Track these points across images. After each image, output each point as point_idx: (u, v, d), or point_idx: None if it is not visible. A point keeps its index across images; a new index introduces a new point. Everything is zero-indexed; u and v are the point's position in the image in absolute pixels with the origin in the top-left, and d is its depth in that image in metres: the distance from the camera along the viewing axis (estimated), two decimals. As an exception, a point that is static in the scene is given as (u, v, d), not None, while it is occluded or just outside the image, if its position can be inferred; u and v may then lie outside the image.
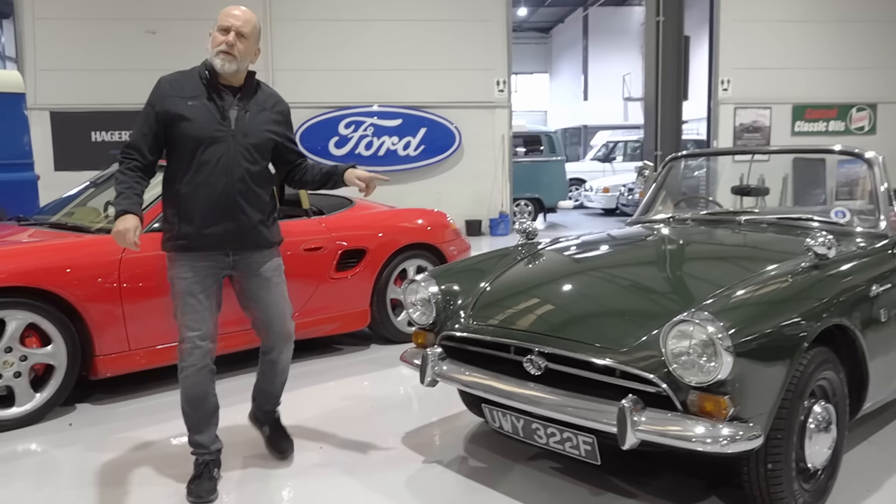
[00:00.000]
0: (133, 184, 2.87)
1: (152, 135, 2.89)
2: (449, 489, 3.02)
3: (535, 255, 3.54)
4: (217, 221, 2.89)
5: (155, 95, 2.92)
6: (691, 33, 22.29)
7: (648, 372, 2.46)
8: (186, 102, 2.86)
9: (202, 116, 2.86)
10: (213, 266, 2.95)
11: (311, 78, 11.53)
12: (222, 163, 2.87)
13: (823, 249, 2.79)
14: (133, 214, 2.81)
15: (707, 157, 5.80)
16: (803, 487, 2.64)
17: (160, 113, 2.87)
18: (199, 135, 2.85)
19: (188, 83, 2.91)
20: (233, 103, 2.92)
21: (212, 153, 2.87)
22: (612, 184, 15.54)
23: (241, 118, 2.92)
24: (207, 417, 3.00)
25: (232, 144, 2.89)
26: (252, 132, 2.94)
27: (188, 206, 2.90)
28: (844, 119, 12.78)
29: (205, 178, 2.87)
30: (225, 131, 2.88)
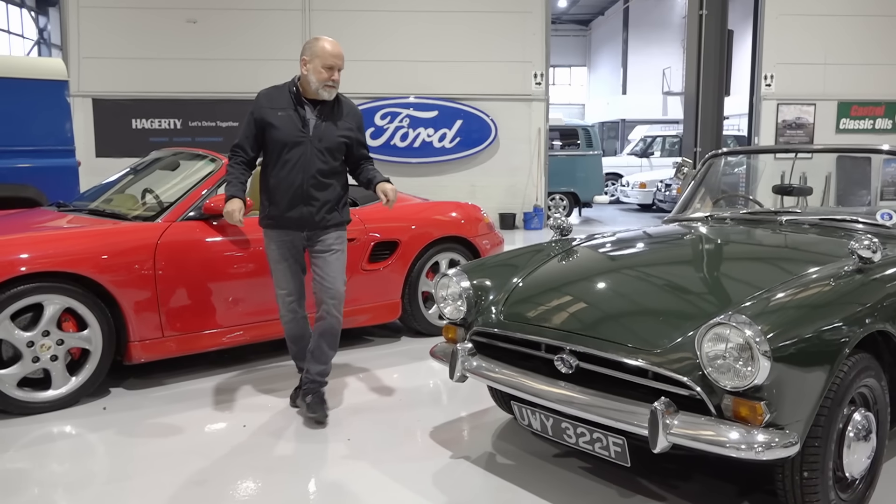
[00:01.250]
0: (238, 174, 3.65)
1: (252, 137, 3.64)
2: (475, 485, 3.00)
3: (569, 251, 3.50)
4: (297, 206, 3.60)
5: (254, 107, 3.65)
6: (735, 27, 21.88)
7: (682, 374, 2.41)
8: (277, 113, 3.58)
9: (287, 125, 3.56)
10: (293, 240, 3.68)
11: (348, 68, 11.41)
12: (301, 162, 3.56)
13: (868, 253, 2.70)
14: (238, 198, 3.57)
15: (747, 154, 5.66)
16: (840, 497, 2.57)
17: (257, 120, 3.61)
18: (284, 139, 3.56)
19: (280, 97, 3.64)
20: (313, 113, 3.60)
21: (293, 154, 3.57)
22: (648, 179, 15.35)
23: (318, 126, 3.60)
24: (304, 349, 3.81)
25: (309, 147, 3.57)
26: (326, 138, 3.60)
27: (275, 194, 3.62)
28: (892, 117, 12.41)
29: (287, 173, 3.58)
30: (304, 137, 3.57)
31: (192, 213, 4.20)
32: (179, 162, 4.85)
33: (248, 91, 12.53)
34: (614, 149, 24.23)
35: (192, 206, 4.22)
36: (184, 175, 4.61)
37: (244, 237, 4.31)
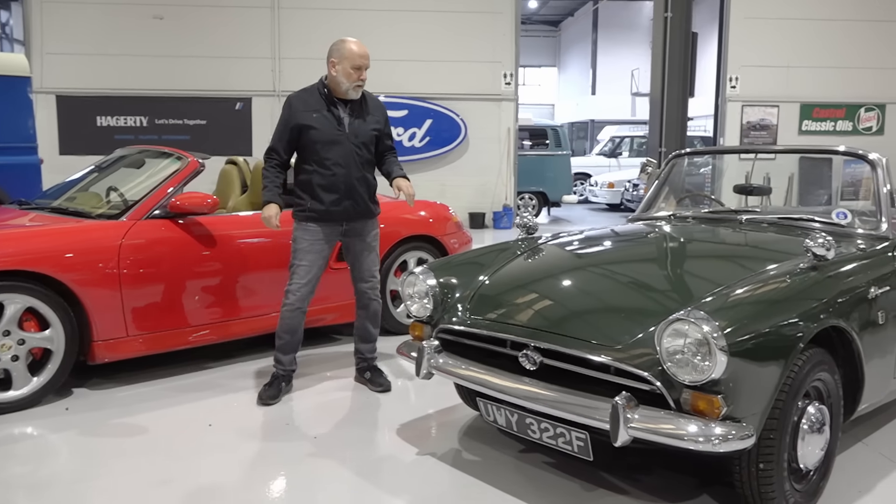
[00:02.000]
0: (274, 177, 3.86)
1: (286, 141, 3.84)
2: (441, 481, 3.03)
3: (535, 249, 3.54)
4: (341, 201, 3.83)
5: (287, 112, 3.84)
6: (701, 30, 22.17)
7: (643, 370, 2.46)
8: (312, 115, 3.79)
9: (324, 125, 3.79)
10: (330, 233, 3.89)
11: (318, 67, 11.45)
12: (342, 158, 3.80)
13: (822, 251, 2.77)
14: (275, 204, 3.79)
15: (710, 155, 5.76)
16: (795, 488, 2.64)
17: (293, 126, 3.80)
18: (323, 139, 3.78)
19: (311, 98, 3.84)
20: (346, 111, 3.84)
21: (334, 151, 3.79)
22: (617, 179, 15.52)
23: (353, 123, 3.85)
24: (293, 344, 3.95)
25: (348, 144, 3.81)
26: (361, 133, 3.86)
27: (318, 190, 3.82)
28: (852, 119, 12.70)
29: (330, 169, 3.79)
30: (342, 135, 3.81)
31: (157, 211, 4.17)
32: (145, 160, 4.80)
33: (217, 89, 12.44)
34: (584, 149, 24.41)
35: (158, 204, 4.18)
36: (149, 173, 4.57)
37: (211, 235, 4.28)
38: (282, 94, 11.48)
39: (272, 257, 4.55)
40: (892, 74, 12.66)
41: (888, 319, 2.98)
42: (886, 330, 2.98)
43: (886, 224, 3.35)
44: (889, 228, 3.33)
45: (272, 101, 11.57)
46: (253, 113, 11.66)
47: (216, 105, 11.59)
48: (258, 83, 11.62)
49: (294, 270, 3.89)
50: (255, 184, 5.11)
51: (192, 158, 4.38)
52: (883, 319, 2.95)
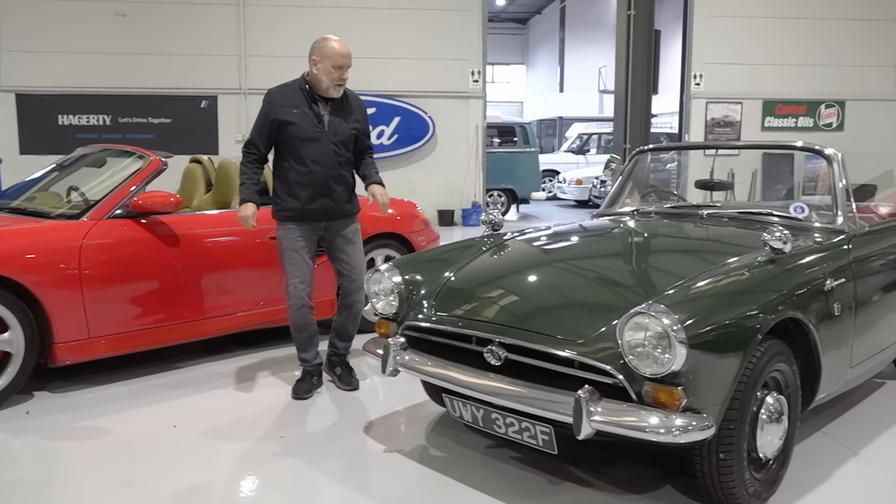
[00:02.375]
0: (252, 174, 3.84)
1: (266, 136, 3.81)
2: (408, 478, 3.03)
3: (500, 246, 3.56)
4: (317, 199, 3.81)
5: (267, 106, 3.81)
6: (666, 28, 22.42)
7: (605, 363, 2.49)
8: (292, 111, 3.77)
9: (304, 121, 3.77)
10: (309, 230, 3.88)
11: (284, 64, 11.33)
12: (320, 156, 3.78)
13: (779, 244, 2.83)
14: (252, 203, 3.77)
15: (673, 151, 5.84)
16: (754, 476, 2.69)
17: (273, 120, 3.77)
18: (302, 135, 3.76)
19: (292, 94, 3.82)
20: (326, 109, 3.82)
21: (312, 148, 3.77)
22: (584, 176, 15.63)
23: (332, 121, 3.83)
24: (309, 339, 3.98)
25: (326, 142, 3.79)
26: (340, 131, 3.84)
27: (295, 187, 3.80)
28: (813, 115, 12.94)
29: (307, 168, 3.78)
30: (321, 132, 3.78)
31: (119, 210, 4.11)
32: (106, 159, 4.74)
33: (181, 87, 12.30)
34: (552, 146, 24.57)
35: (119, 203, 4.12)
36: (111, 172, 4.50)
37: (175, 234, 4.24)
38: (248, 93, 11.38)
39: (238, 256, 4.52)
40: (851, 72, 12.92)
41: (844, 311, 3.06)
42: (842, 321, 3.05)
43: (842, 218, 3.42)
44: (845, 222, 3.41)
45: (238, 99, 11.47)
46: (219, 111, 11.54)
47: (181, 103, 11.45)
48: (224, 81, 11.50)
49: (285, 270, 3.91)
50: (220, 182, 5.07)
51: (154, 157, 4.33)
52: (839, 311, 3.02)
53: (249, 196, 3.79)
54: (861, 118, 12.96)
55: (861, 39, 12.89)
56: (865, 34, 12.89)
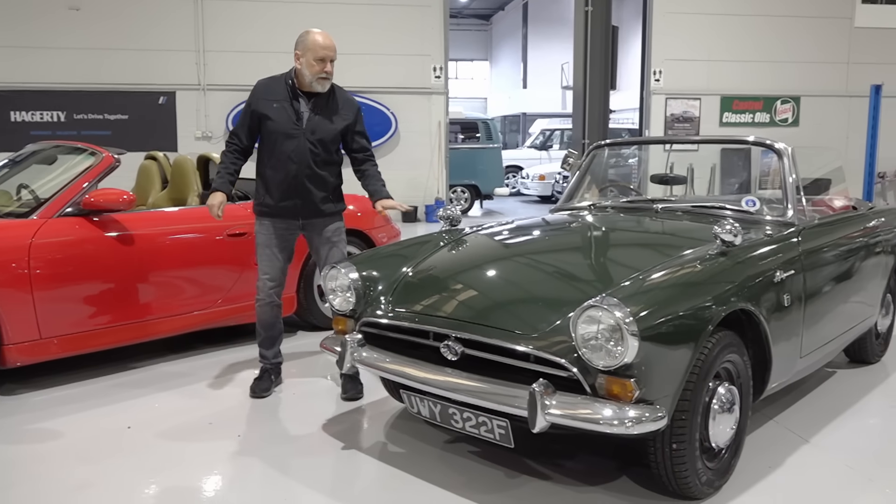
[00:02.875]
0: (230, 164, 3.80)
1: (248, 126, 3.77)
2: (366, 475, 3.03)
3: (458, 241, 3.56)
4: (289, 197, 3.74)
5: (252, 96, 3.77)
6: (626, 24, 22.63)
7: (560, 356, 2.51)
8: (272, 105, 3.70)
9: (282, 117, 3.69)
10: (287, 228, 3.82)
11: (244, 60, 11.27)
12: (295, 153, 3.69)
13: (730, 237, 2.87)
14: (221, 192, 3.72)
15: (628, 146, 5.91)
16: (707, 466, 2.74)
17: (254, 111, 3.74)
18: (278, 131, 3.69)
19: (277, 88, 3.73)
20: (307, 106, 3.72)
21: (287, 145, 3.69)
22: (548, 171, 15.73)
23: (312, 119, 3.71)
24: (271, 338, 3.95)
25: (302, 140, 3.69)
26: (319, 130, 3.72)
27: (271, 183, 3.75)
28: (769, 111, 13.18)
29: (282, 164, 3.71)
30: (298, 130, 3.69)
31: (70, 208, 4.02)
32: (57, 156, 4.63)
33: (138, 83, 12.07)
34: (516, 142, 24.66)
35: (71, 201, 4.03)
36: (62, 169, 4.40)
37: (129, 233, 4.16)
38: (207, 88, 11.21)
39: (194, 254, 4.46)
40: (806, 68, 13.18)
41: (794, 302, 3.12)
42: (792, 312, 3.12)
43: (792, 211, 3.49)
44: (794, 215, 3.48)
45: (197, 95, 11.29)
46: (177, 107, 11.35)
47: (138, 99, 11.24)
48: (182, 77, 11.31)
49: (258, 265, 3.88)
50: (176, 179, 5.00)
51: (106, 154, 4.25)
52: (789, 302, 3.08)
53: (220, 185, 3.74)
54: (816, 113, 13.23)
55: (815, 36, 13.16)
56: (819, 31, 13.16)
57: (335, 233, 3.91)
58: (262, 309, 3.87)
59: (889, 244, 4.22)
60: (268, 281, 3.84)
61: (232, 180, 3.81)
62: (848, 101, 13.18)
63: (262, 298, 3.86)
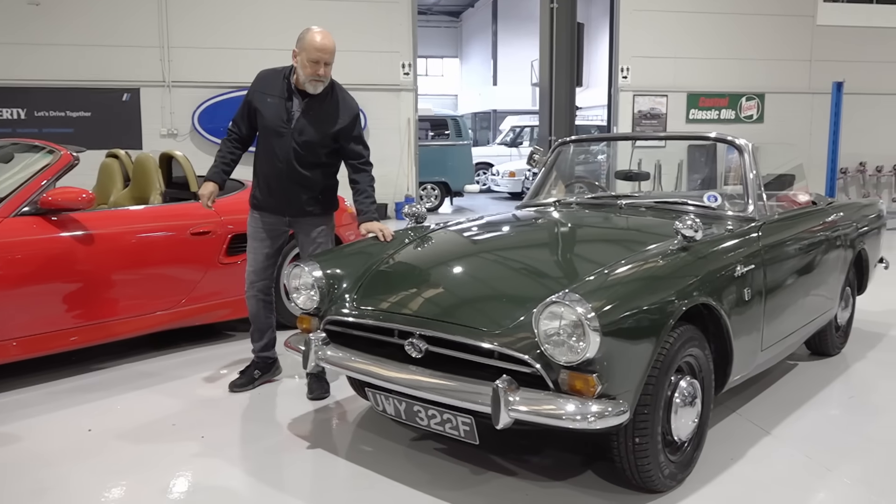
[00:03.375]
0: (226, 153, 3.77)
1: (246, 116, 3.75)
2: (332, 475, 3.00)
3: (423, 238, 3.55)
4: (275, 194, 3.73)
5: (252, 87, 3.74)
6: (594, 21, 22.72)
7: (523, 352, 2.51)
8: (267, 99, 3.65)
9: (272, 114, 3.64)
10: (273, 223, 3.81)
11: (211, 56, 11.14)
12: (281, 151, 3.64)
13: (690, 232, 2.90)
14: (213, 182, 3.71)
15: (593, 142, 5.95)
16: (670, 459, 2.76)
17: (250, 102, 3.72)
18: (268, 127, 3.66)
19: (275, 82, 3.67)
20: (299, 106, 3.63)
21: (275, 143, 3.66)
22: (518, 168, 15.78)
23: (300, 119, 3.62)
24: (259, 331, 3.95)
25: (288, 139, 3.62)
26: (306, 131, 3.62)
27: (260, 177, 3.78)
28: (735, 108, 13.35)
29: (270, 161, 3.70)
30: (285, 128, 3.62)
31: (27, 207, 3.93)
32: (14, 154, 4.53)
33: (101, 79, 11.86)
34: (487, 139, 24.71)
35: (28, 200, 3.94)
36: (19, 167, 4.30)
37: (89, 232, 4.08)
38: (172, 85, 11.05)
39: (157, 253, 4.40)
40: (770, 65, 13.37)
41: (754, 296, 3.16)
42: (753, 306, 3.16)
43: (753, 206, 3.54)
44: (755, 210, 3.52)
45: (162, 91, 11.13)
46: (142, 104, 11.17)
47: (101, 96, 11.04)
48: (146, 73, 11.13)
49: (247, 256, 3.89)
50: (137, 177, 4.92)
51: (64, 151, 4.16)
52: (749, 296, 3.12)
53: (213, 175, 3.72)
54: (780, 110, 13.43)
55: (779, 34, 13.35)
56: (783, 29, 13.36)
57: (321, 234, 3.83)
58: (248, 301, 3.90)
59: (848, 238, 4.30)
60: (251, 273, 3.85)
61: (227, 170, 3.76)
62: (811, 97, 13.41)
63: (247, 290, 3.88)
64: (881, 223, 4.93)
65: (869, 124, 13.36)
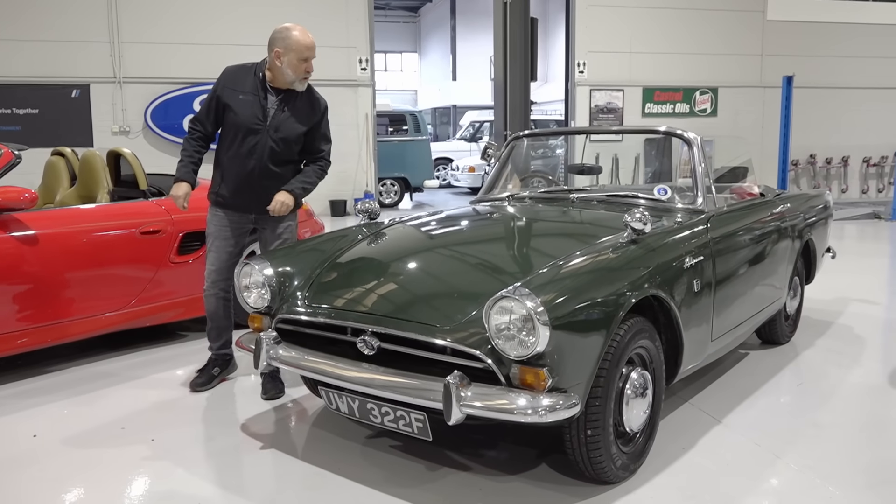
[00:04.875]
0: (192, 152, 3.70)
1: (213, 113, 3.68)
2: (285, 475, 2.97)
3: (375, 234, 3.53)
4: (245, 192, 3.69)
5: (218, 83, 3.68)
6: (551, 17, 22.84)
7: (474, 348, 2.50)
8: (238, 96, 3.61)
9: (246, 111, 3.60)
10: (238, 221, 3.79)
11: (162, 52, 10.94)
12: (256, 149, 3.63)
13: (639, 225, 2.92)
14: (186, 182, 3.66)
15: (547, 136, 5.97)
16: (622, 450, 2.79)
17: (218, 98, 3.65)
18: (241, 124, 3.61)
19: (246, 79, 3.64)
20: (274, 103, 3.64)
21: (249, 140, 3.63)
22: (477, 163, 15.81)
23: (277, 116, 3.63)
24: (217, 329, 3.92)
25: (264, 137, 3.62)
26: (283, 128, 3.64)
27: (227, 175, 3.71)
28: (689, 102, 13.56)
29: (241, 158, 3.65)
30: (261, 126, 3.62)
31: (-33, 208, 3.81)
32: (-47, 152, 4.38)
33: (49, 75, 11.57)
34: (447, 134, 24.70)
35: (-34, 200, 3.82)
36: (-42, 167, 4.17)
37: (31, 233, 3.97)
38: (124, 81, 10.83)
39: (105, 253, 4.29)
40: (722, 60, 13.61)
41: (703, 287, 3.20)
42: (702, 297, 3.20)
43: (702, 198, 3.58)
44: (704, 202, 3.57)
45: (113, 88, 10.90)
46: (92, 101, 10.93)
47: (49, 92, 10.77)
48: (96, 69, 10.89)
49: (207, 254, 3.84)
50: (84, 176, 4.80)
51: (5, 150, 4.04)
52: (699, 287, 3.16)
53: (184, 175, 3.66)
54: (733, 104, 13.68)
55: (730, 29, 13.60)
56: (734, 24, 13.60)
57: (287, 230, 3.83)
58: (206, 300, 3.85)
59: (796, 229, 4.38)
60: (212, 272, 3.80)
61: (195, 169, 3.72)
62: (763, 91, 13.68)
63: (207, 289, 3.83)
64: (828, 214, 5.04)
65: (819, 117, 13.70)
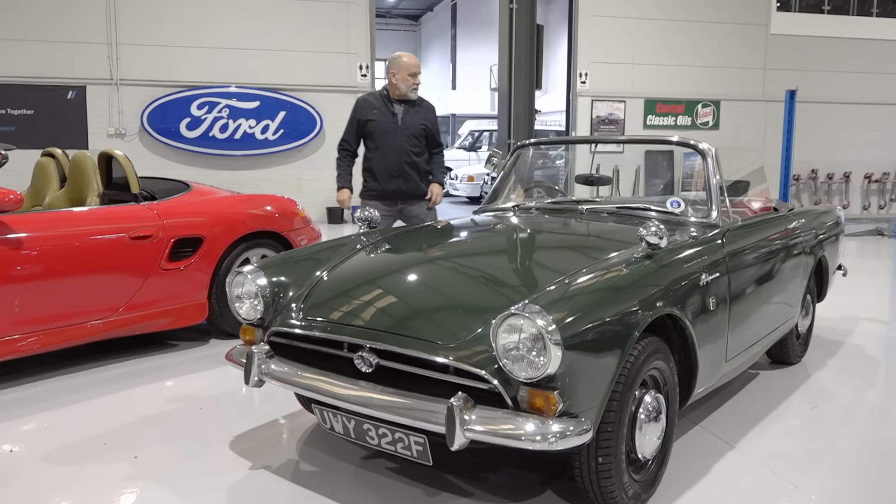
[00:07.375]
0: (346, 166, 4.91)
1: (354, 133, 4.84)
2: (274, 498, 2.80)
3: (375, 244, 3.37)
4: (392, 181, 4.74)
5: (356, 110, 4.86)
6: (553, 27, 22.82)
7: (479, 367, 2.34)
8: (373, 111, 4.77)
9: (382, 118, 4.75)
10: (387, 210, 4.75)
11: (161, 54, 10.80)
12: (394, 145, 4.72)
13: (655, 239, 2.77)
14: (348, 189, 4.91)
15: (552, 145, 5.84)
16: (633, 478, 2.62)
17: (360, 121, 4.80)
18: (380, 129, 4.74)
19: (375, 100, 4.83)
20: (399, 109, 4.78)
21: (387, 139, 4.73)
22: (476, 172, 15.72)
23: (404, 118, 4.77)
24: None
25: (399, 134, 4.74)
26: (411, 126, 4.77)
27: (376, 172, 4.75)
28: (691, 114, 13.46)
29: (385, 155, 4.73)
30: (395, 126, 4.74)
31: (-53, 209, 3.65)
32: (-62, 151, 4.22)
33: (45, 76, 11.43)
34: (446, 143, 24.56)
35: (-51, 201, 3.66)
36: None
37: (16, 235, 3.80)
38: (121, 83, 10.68)
39: (93, 258, 4.13)
40: (725, 73, 13.52)
41: (719, 305, 3.05)
42: (717, 315, 3.05)
43: (716, 212, 3.44)
44: (719, 216, 3.42)
45: (110, 89, 10.75)
46: (88, 103, 10.78)
47: (45, 93, 10.62)
48: (93, 70, 10.74)
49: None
50: (74, 177, 4.64)
51: (-9, 149, 3.89)
52: (714, 305, 3.01)
53: (346, 183, 4.87)
54: (735, 117, 13.59)
55: (734, 42, 13.51)
56: (738, 37, 13.52)
57: (427, 214, 4.83)
58: None
59: (808, 245, 4.24)
60: None
61: (350, 178, 4.83)
62: (765, 105, 13.60)
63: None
64: (839, 230, 4.90)
65: (821, 133, 13.61)
